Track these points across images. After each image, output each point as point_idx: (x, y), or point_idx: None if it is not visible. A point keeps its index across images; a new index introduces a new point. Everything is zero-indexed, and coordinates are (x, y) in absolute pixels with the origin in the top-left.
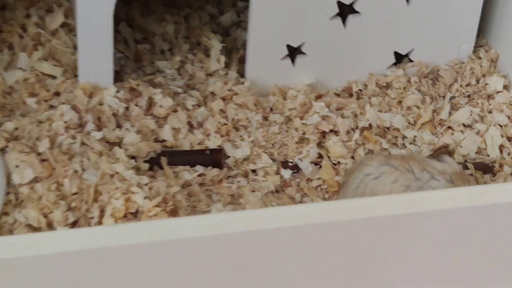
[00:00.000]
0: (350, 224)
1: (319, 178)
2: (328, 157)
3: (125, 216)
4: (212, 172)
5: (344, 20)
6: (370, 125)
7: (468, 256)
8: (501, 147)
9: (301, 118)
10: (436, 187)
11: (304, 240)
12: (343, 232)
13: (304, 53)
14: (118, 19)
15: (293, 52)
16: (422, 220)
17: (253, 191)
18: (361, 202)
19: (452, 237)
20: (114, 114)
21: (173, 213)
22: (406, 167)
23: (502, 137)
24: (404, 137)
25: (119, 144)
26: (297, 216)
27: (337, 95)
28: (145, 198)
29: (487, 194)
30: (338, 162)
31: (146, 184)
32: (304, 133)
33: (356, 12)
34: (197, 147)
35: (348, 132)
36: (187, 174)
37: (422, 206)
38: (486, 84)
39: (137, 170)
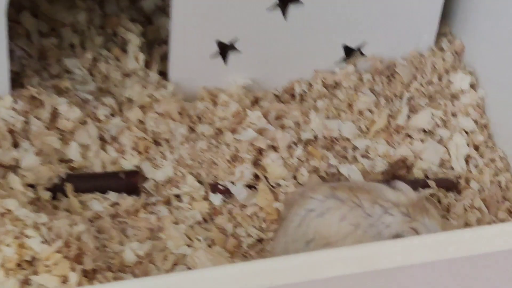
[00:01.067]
0: None
1: (254, 204)
2: (266, 178)
3: (18, 265)
4: (127, 201)
5: (284, 11)
6: (315, 137)
7: None
8: (467, 158)
9: (234, 131)
10: (390, 224)
11: None
12: None
13: (237, 50)
14: (19, 6)
15: (225, 49)
16: (375, 280)
17: (176, 223)
18: (300, 260)
19: None
20: (10, 131)
21: (78, 258)
22: (355, 201)
23: (468, 145)
24: (355, 148)
25: (14, 168)
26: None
27: (277, 97)
28: (43, 242)
29: (455, 244)
30: (278, 184)
31: (44, 224)
32: (237, 150)
33: (298, 1)
34: (110, 168)
35: (289, 147)
36: (97, 204)
37: (375, 264)
38: (450, 82)
39: (36, 201)
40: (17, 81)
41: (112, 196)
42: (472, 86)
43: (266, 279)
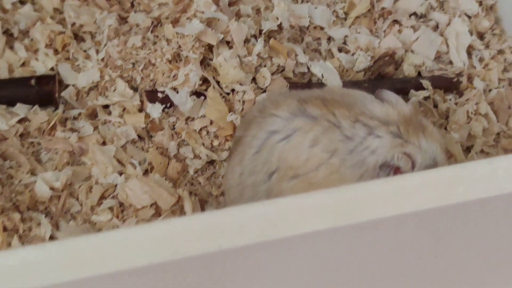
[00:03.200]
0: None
1: (203, 117)
2: (217, 82)
3: None
4: (40, 116)
5: None
6: (279, 27)
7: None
8: (469, 50)
9: (176, 22)
10: (377, 148)
11: None
12: None
13: None
14: None
15: None
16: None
17: (103, 144)
18: (258, 212)
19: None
20: None
21: None
22: (330, 119)
23: (471, 33)
24: (330, 40)
25: None
26: None
27: None
28: None
29: (465, 183)
30: (232, 90)
31: None
32: (180, 48)
33: None
34: (18, 73)
35: (246, 42)
36: (1, 121)
37: (359, 215)
38: None
39: None
40: None
41: (21, 109)
42: None
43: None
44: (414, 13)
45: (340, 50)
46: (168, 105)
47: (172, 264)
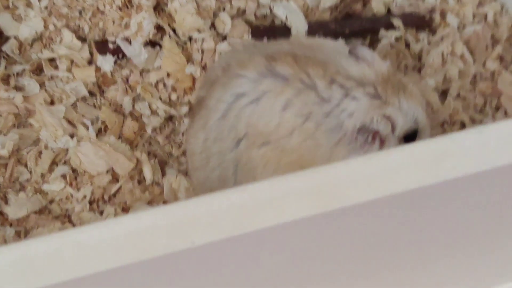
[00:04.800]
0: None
1: (159, 69)
2: (173, 30)
3: None
4: None
5: None
6: None
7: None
8: None
9: None
10: (354, 111)
11: None
12: None
13: None
14: None
15: None
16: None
17: (51, 103)
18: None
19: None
20: None
21: None
22: (304, 79)
23: None
24: None
25: None
26: None
27: None
28: None
29: (453, 157)
30: (190, 38)
31: None
32: None
33: None
34: None
35: None
36: None
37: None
38: None
39: None
40: None
41: None
42: None
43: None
44: None
45: None
46: (120, 56)
47: (139, 266)
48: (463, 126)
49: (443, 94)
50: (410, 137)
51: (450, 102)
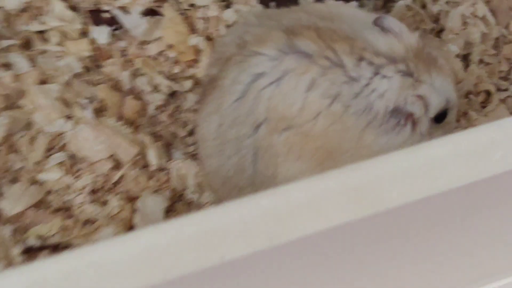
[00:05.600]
0: None
1: (159, 40)
2: None
3: None
4: None
5: None
6: None
7: None
8: None
9: None
10: (385, 91)
11: None
12: None
13: None
14: None
15: None
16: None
17: (44, 82)
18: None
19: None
20: None
21: None
22: (330, 56)
23: None
24: None
25: None
26: None
27: None
28: None
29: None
30: (193, 6)
31: None
32: None
33: None
34: None
35: None
36: None
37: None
38: None
39: None
40: None
41: None
42: None
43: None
44: None
45: None
46: (117, 27)
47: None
48: (488, 95)
49: (464, 59)
50: (440, 116)
51: (474, 69)
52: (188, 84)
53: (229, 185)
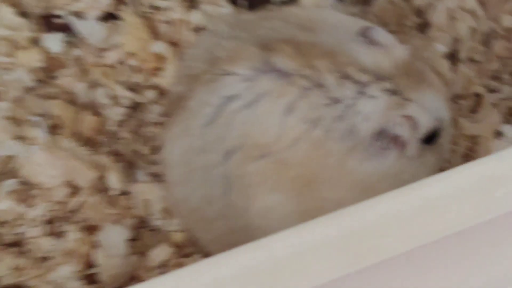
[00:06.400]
0: None
1: (118, 47)
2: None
3: None
4: None
5: None
6: None
7: None
8: None
9: None
10: (371, 113)
11: None
12: None
13: None
14: None
15: None
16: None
17: None
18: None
19: None
20: None
21: None
22: (309, 75)
23: None
24: None
25: None
26: None
27: None
28: None
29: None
30: (154, 8)
31: None
32: None
33: None
34: None
35: None
36: None
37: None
38: None
39: None
40: None
41: None
42: None
43: None
44: None
45: None
46: (71, 34)
47: None
48: (479, 98)
49: (452, 58)
50: (431, 137)
51: (462, 70)
52: (151, 94)
53: (197, 216)
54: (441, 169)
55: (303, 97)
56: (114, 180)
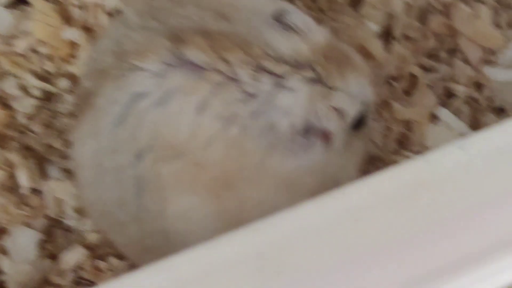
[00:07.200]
0: None
1: (28, 34)
2: None
3: None
4: None
5: None
6: None
7: None
8: None
9: None
10: (290, 107)
11: None
12: None
13: None
14: None
15: None
16: None
17: None
18: None
19: None
20: None
21: None
22: (222, 69)
23: None
24: None
25: None
26: None
27: None
28: None
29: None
30: None
31: None
32: None
33: None
34: None
35: None
36: None
37: None
38: None
39: None
40: None
41: None
42: None
43: None
44: None
45: None
46: None
47: None
48: (414, 79)
49: (385, 36)
50: (358, 122)
51: (396, 48)
52: (64, 83)
53: (110, 219)
54: (372, 156)
55: (217, 93)
56: (24, 178)
